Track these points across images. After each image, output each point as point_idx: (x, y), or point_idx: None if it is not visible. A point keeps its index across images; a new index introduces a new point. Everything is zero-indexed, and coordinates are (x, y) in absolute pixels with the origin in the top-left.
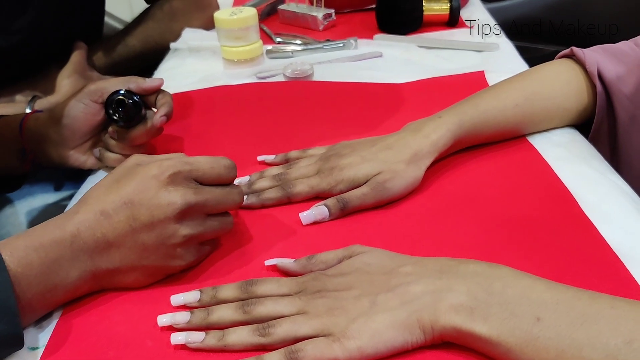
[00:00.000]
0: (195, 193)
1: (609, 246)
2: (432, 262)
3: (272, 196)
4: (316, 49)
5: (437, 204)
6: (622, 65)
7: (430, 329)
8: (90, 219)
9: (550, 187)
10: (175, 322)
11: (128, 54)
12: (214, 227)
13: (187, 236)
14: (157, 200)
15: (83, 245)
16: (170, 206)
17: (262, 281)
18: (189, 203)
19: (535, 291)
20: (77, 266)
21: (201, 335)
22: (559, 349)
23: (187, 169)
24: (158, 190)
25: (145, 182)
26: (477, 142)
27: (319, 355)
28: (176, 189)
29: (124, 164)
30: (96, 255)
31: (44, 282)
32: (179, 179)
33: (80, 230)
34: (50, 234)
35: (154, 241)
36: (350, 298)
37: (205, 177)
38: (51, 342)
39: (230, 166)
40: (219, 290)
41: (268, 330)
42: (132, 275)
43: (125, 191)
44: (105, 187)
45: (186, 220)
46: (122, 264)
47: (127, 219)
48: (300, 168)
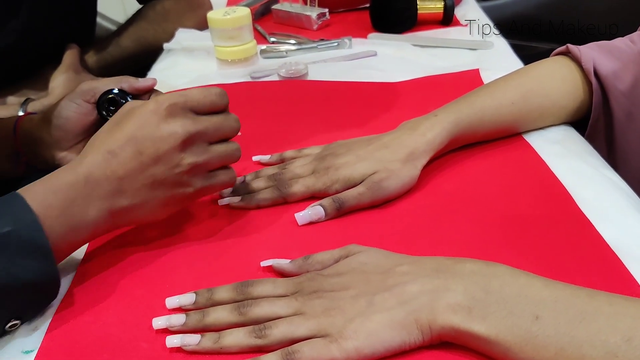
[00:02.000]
0: (193, 122)
1: (606, 243)
2: (428, 261)
3: (267, 196)
4: (310, 49)
5: (433, 202)
6: (618, 61)
7: (428, 328)
8: (99, 160)
9: (547, 184)
10: (170, 325)
11: (121, 55)
12: (219, 154)
13: (192, 164)
14: (159, 133)
15: (95, 184)
16: (172, 136)
17: (258, 282)
18: (189, 131)
19: (533, 289)
20: (94, 205)
21: (197, 338)
22: (558, 347)
23: (182, 100)
24: (158, 123)
25: (145, 117)
26: (473, 141)
27: (316, 356)
28: (175, 119)
29: (120, 110)
30: (109, 194)
31: (66, 222)
32: (176, 110)
33: (92, 170)
34: (64, 178)
35: (161, 172)
36: (347, 298)
37: (200, 106)
38: (44, 345)
39: (222, 93)
40: (214, 292)
41: (264, 332)
42: (148, 208)
43: (127, 129)
44: (107, 131)
45: (189, 148)
46: (135, 199)
47: (134, 154)
48: (296, 168)
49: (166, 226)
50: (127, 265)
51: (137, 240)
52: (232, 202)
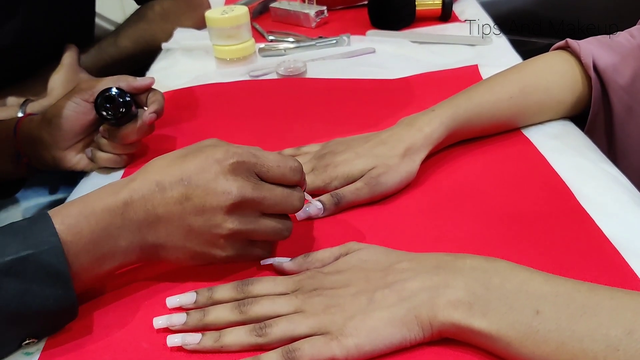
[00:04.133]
0: (253, 188)
1: (606, 237)
2: (428, 258)
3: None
4: (309, 47)
5: (432, 198)
6: (617, 56)
7: (429, 325)
8: (144, 189)
9: (546, 180)
10: (171, 324)
11: (120, 55)
12: (266, 229)
13: (233, 230)
14: (214, 186)
15: (133, 215)
16: (224, 195)
17: (258, 280)
18: (244, 196)
19: (533, 284)
20: (125, 236)
21: (198, 337)
22: (559, 341)
23: (252, 161)
24: (217, 175)
25: (208, 163)
26: (472, 135)
27: (316, 354)
28: (235, 179)
29: (201, 142)
30: (144, 227)
31: (92, 251)
32: (241, 169)
33: (134, 198)
34: (104, 201)
35: (200, 226)
36: (347, 295)
37: (269, 174)
38: (47, 348)
39: (297, 169)
40: (214, 291)
41: (265, 330)
42: (176, 254)
43: (186, 167)
44: (169, 159)
45: (237, 213)
46: (167, 240)
47: (180, 196)
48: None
49: None
50: None
51: None
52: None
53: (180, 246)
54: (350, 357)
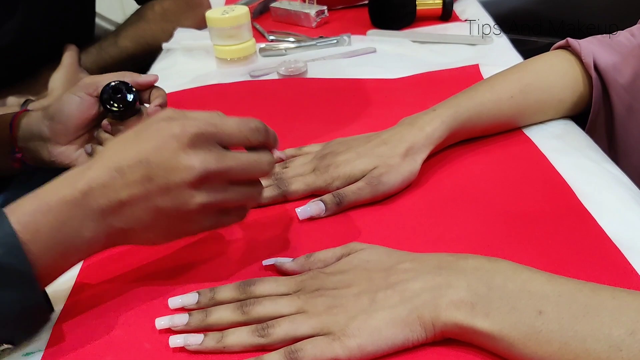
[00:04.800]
0: (217, 159)
1: (608, 237)
2: (431, 258)
3: (267, 195)
4: (309, 46)
5: (433, 198)
6: (618, 55)
7: (431, 325)
8: (103, 176)
9: (547, 179)
10: (173, 325)
11: (120, 55)
12: (237, 196)
13: (202, 204)
14: (175, 163)
15: (94, 204)
16: (187, 171)
17: (260, 281)
18: (208, 169)
19: (536, 284)
20: (88, 227)
21: (200, 337)
22: (562, 342)
23: (211, 131)
24: (177, 151)
25: (165, 140)
26: (473, 135)
27: (319, 354)
28: (196, 152)
29: (152, 118)
30: (108, 215)
31: (55, 246)
32: (201, 141)
33: (92, 187)
34: (60, 192)
35: (168, 205)
36: (349, 296)
37: (231, 140)
38: (49, 349)
39: (260, 129)
40: (217, 292)
41: (267, 331)
42: (147, 235)
43: (143, 147)
44: (124, 140)
45: (204, 187)
46: (135, 224)
47: (142, 178)
48: (296, 167)
49: None
50: (129, 266)
51: None
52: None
53: (151, 227)
54: (353, 357)
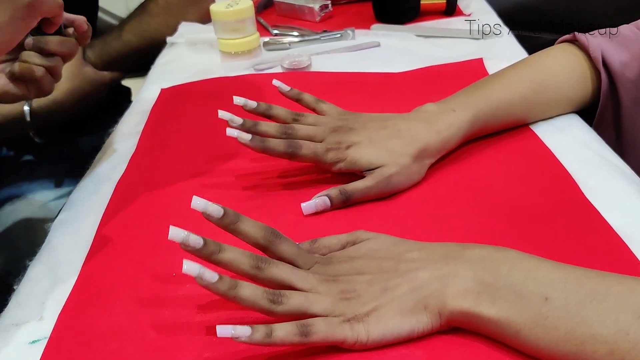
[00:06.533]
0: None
1: (612, 229)
2: (438, 247)
3: (277, 148)
4: (313, 40)
5: (438, 192)
6: (625, 49)
7: (438, 315)
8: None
9: (552, 172)
10: (185, 242)
11: (124, 49)
12: None
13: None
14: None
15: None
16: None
17: (286, 240)
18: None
19: (542, 272)
20: None
21: (215, 276)
22: (569, 327)
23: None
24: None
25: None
26: (481, 135)
27: (329, 333)
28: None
29: None
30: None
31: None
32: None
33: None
34: None
35: None
36: (362, 283)
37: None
38: (54, 335)
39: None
40: (242, 221)
41: (280, 299)
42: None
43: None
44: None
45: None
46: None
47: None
48: (309, 128)
49: (173, 215)
50: (133, 256)
51: (143, 231)
52: (242, 137)
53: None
54: (359, 342)
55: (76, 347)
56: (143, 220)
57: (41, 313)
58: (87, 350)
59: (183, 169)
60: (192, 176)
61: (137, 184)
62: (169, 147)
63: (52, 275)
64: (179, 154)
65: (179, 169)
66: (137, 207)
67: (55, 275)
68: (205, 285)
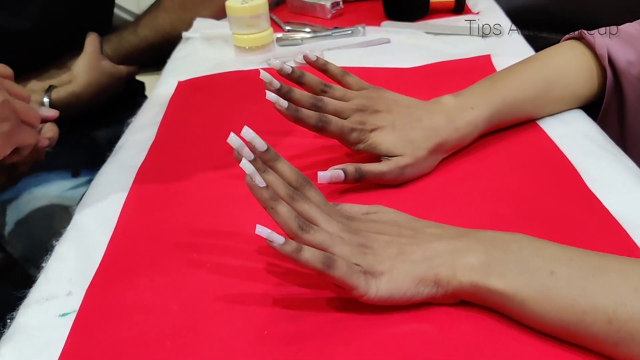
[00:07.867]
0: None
1: (613, 217)
2: (452, 227)
3: (308, 120)
4: (325, 37)
5: (445, 182)
6: (630, 47)
7: (447, 284)
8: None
9: (556, 164)
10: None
11: (139, 43)
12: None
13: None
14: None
15: None
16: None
17: (315, 188)
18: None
19: (548, 250)
20: None
21: (263, 182)
22: (572, 298)
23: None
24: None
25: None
26: (492, 130)
27: (348, 275)
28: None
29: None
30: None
31: None
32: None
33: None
34: None
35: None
36: (380, 241)
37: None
38: (82, 308)
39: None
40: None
41: (308, 229)
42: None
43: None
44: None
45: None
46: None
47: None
48: (337, 104)
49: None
50: (155, 236)
51: (164, 212)
52: (279, 103)
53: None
54: (369, 296)
55: (104, 319)
56: (164, 202)
57: (69, 289)
58: (114, 322)
59: (202, 157)
60: (210, 163)
61: (158, 170)
62: (188, 136)
63: (79, 254)
64: (198, 142)
65: (198, 156)
66: (158, 190)
67: (82, 254)
68: (252, 186)
